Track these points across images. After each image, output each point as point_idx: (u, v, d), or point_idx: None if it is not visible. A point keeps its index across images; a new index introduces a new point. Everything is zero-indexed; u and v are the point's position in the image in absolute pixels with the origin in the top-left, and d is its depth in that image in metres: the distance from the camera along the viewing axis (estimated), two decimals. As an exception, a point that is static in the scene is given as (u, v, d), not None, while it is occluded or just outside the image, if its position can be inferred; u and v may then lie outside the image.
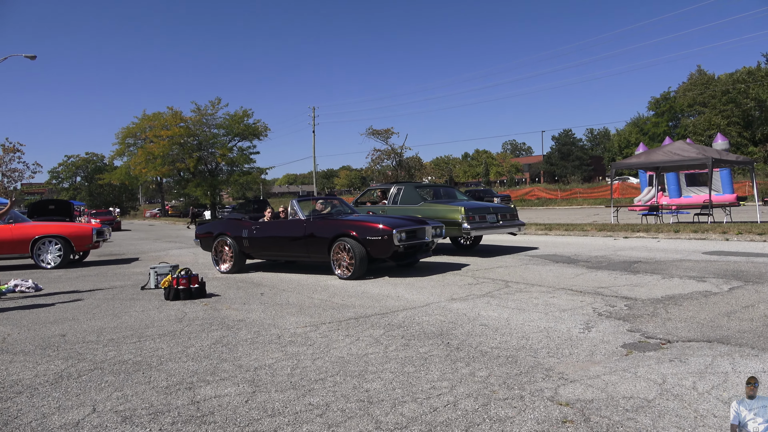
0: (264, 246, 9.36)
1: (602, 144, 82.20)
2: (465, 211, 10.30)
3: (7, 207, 7.90)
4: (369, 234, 8.02)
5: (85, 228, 12.25)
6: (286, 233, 9.01)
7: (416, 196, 11.43)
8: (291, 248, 9.04)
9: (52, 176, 73.57)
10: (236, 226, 9.76)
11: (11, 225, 11.59)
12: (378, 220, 8.53)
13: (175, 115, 39.95)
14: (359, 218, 8.94)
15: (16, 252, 11.60)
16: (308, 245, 8.68)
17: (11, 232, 11.50)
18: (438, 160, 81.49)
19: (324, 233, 8.47)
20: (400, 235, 7.96)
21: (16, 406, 3.33)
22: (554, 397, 3.16)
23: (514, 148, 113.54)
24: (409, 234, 8.21)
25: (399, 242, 7.95)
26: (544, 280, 7.38)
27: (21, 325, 5.75)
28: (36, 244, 11.55)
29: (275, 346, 4.51)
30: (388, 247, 7.93)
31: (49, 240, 11.64)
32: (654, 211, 17.08)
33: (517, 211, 12.02)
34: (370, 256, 8.07)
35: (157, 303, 6.82)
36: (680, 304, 5.57)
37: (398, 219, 8.82)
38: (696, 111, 56.53)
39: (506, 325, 4.95)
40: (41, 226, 12.03)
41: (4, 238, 11.40)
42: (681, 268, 7.96)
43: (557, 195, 46.24)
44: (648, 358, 3.80)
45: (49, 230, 11.78)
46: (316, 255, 8.69)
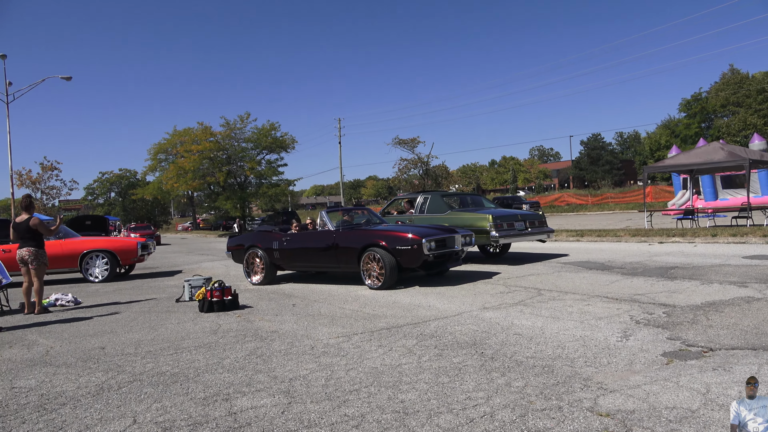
0: (294, 257, 9.43)
1: (633, 147, 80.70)
2: (493, 219, 10.25)
3: (57, 224, 8.23)
4: (398, 243, 8.01)
5: (131, 242, 12.56)
6: (316, 244, 9.06)
7: (443, 204, 11.44)
8: (321, 259, 9.07)
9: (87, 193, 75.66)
10: (267, 238, 9.85)
11: (61, 240, 11.99)
12: (407, 229, 8.50)
13: (205, 130, 40.72)
14: (388, 228, 8.96)
15: (66, 266, 11.96)
16: (338, 256, 8.70)
17: (61, 247, 11.87)
18: (465, 167, 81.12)
19: (353, 243, 8.49)
20: (429, 244, 7.93)
21: (61, 417, 3.42)
22: (594, 407, 3.09)
23: (541, 154, 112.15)
24: (439, 243, 8.16)
25: (429, 251, 7.91)
26: (578, 288, 7.25)
27: (62, 338, 5.91)
28: (84, 259, 11.91)
29: (309, 357, 4.53)
30: (418, 256, 7.90)
31: (97, 254, 11.98)
32: (689, 214, 16.64)
33: (545, 218, 11.90)
34: (400, 265, 8.05)
35: (192, 315, 6.94)
36: (721, 310, 5.40)
37: (427, 228, 8.79)
38: (730, 111, 55.08)
39: (541, 333, 4.87)
40: (89, 240, 12.40)
41: (55, 253, 11.77)
42: (720, 274, 7.73)
43: (588, 200, 45.48)
44: (690, 367, 3.70)
45: (97, 245, 12.14)
46: (345, 265, 8.70)
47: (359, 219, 9.89)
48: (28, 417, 3.44)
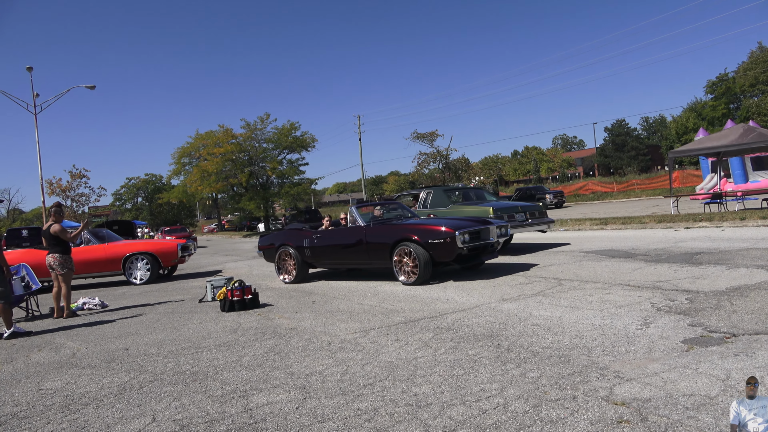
0: (325, 255, 9.29)
1: (659, 132, 78.97)
2: (493, 211, 10.42)
3: (79, 229, 8.40)
4: (431, 237, 7.74)
5: (171, 244, 12.77)
6: (347, 241, 8.91)
7: (445, 199, 11.80)
8: (352, 255, 8.91)
9: (115, 198, 77.39)
10: (297, 236, 9.75)
11: (105, 245, 12.28)
12: (439, 222, 8.20)
13: (227, 133, 41.24)
14: (420, 222, 8.73)
15: (110, 269, 12.26)
16: (369, 251, 8.53)
17: (105, 252, 12.18)
18: (486, 159, 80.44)
19: (384, 239, 8.30)
20: (463, 237, 7.69)
21: (84, 417, 3.51)
22: (609, 396, 3.05)
23: (565, 143, 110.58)
24: (473, 235, 7.92)
25: (462, 244, 7.67)
26: (599, 277, 7.14)
27: (89, 340, 6.06)
28: (127, 262, 12.18)
29: (325, 353, 4.56)
30: (452, 249, 7.65)
31: (139, 257, 12.24)
32: (717, 198, 16.23)
33: (546, 209, 12.21)
34: (433, 260, 7.81)
35: (214, 315, 7.05)
36: (747, 295, 5.26)
37: (461, 220, 8.53)
38: (760, 90, 53.43)
39: (559, 324, 4.82)
40: (131, 244, 12.70)
41: (99, 257, 12.11)
42: (748, 258, 7.53)
43: (613, 188, 44.70)
44: (710, 353, 3.61)
45: (138, 248, 12.41)
46: (377, 261, 8.52)
47: (391, 213, 9.64)
48: (53, 417, 3.55)
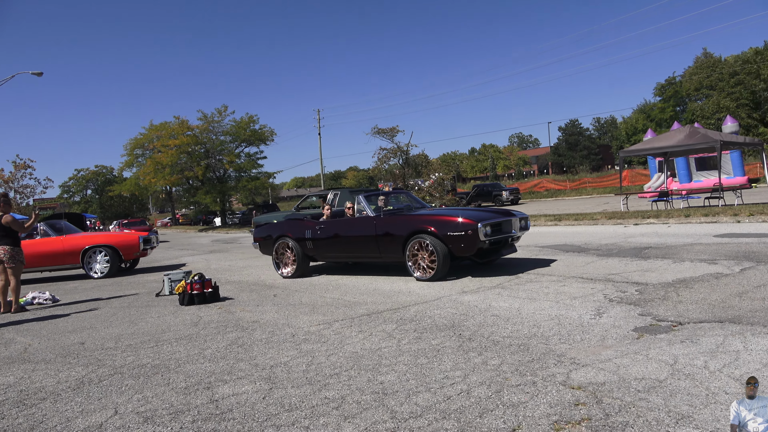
0: (329, 247, 8.67)
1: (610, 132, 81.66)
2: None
3: (32, 220, 7.99)
4: (450, 229, 7.14)
5: (132, 237, 12.36)
6: (355, 232, 8.31)
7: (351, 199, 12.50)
8: (360, 248, 8.30)
9: (63, 190, 74.42)
10: (298, 226, 9.15)
11: (62, 237, 11.80)
12: (457, 213, 7.58)
13: (182, 124, 40.23)
14: (436, 212, 8.23)
15: (68, 263, 11.79)
16: (379, 244, 7.92)
17: (63, 244, 11.70)
18: (445, 156, 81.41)
19: (397, 231, 7.68)
20: (485, 229, 7.11)
21: (41, 411, 3.42)
22: (566, 381, 3.19)
23: (521, 141, 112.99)
24: (495, 227, 7.37)
25: (485, 237, 7.09)
26: (555, 270, 7.40)
27: (41, 335, 5.87)
28: (86, 254, 11.75)
29: (290, 345, 4.57)
30: (473, 243, 7.07)
31: (98, 250, 11.81)
32: (664, 196, 16.99)
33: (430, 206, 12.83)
34: (452, 254, 7.26)
35: (173, 308, 6.93)
36: (691, 286, 5.57)
37: (481, 211, 8.07)
38: (703, 94, 55.96)
39: (517, 314, 4.98)
40: (90, 236, 12.26)
41: (56, 250, 11.61)
42: (692, 252, 7.94)
43: (566, 186, 46.07)
44: (659, 341, 3.83)
45: (98, 240, 11.98)
46: (388, 255, 7.91)
47: (398, 204, 9.09)
48: (8, 413, 3.44)
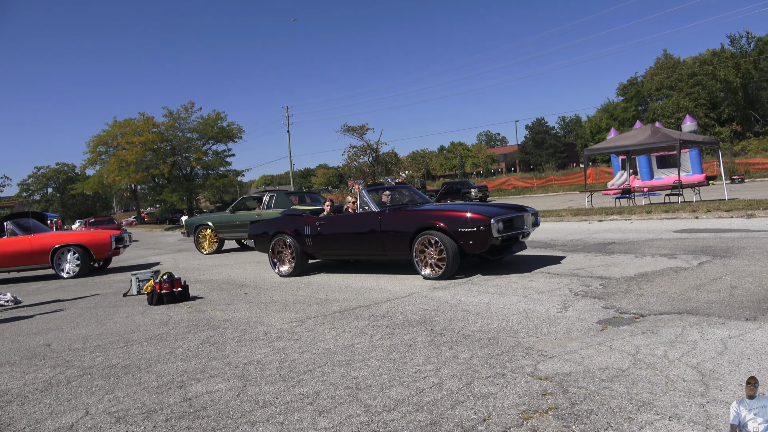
0: (330, 244, 8.35)
1: (574, 131, 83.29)
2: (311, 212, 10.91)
3: None
4: (461, 225, 6.88)
5: (104, 236, 12.01)
6: (358, 229, 7.99)
7: (287, 201, 13.54)
8: (363, 245, 7.99)
9: (22, 189, 72.06)
10: (297, 222, 8.77)
11: (31, 236, 11.43)
12: (465, 208, 7.39)
13: (147, 121, 39.38)
14: (444, 207, 8.01)
15: (36, 262, 11.41)
16: (384, 241, 7.63)
17: (31, 243, 11.32)
18: (414, 154, 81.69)
19: (404, 227, 7.40)
20: (498, 225, 6.83)
21: (8, 414, 3.35)
22: (534, 372, 3.30)
23: (489, 139, 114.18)
24: (507, 224, 7.14)
25: (498, 233, 6.83)
26: (523, 266, 7.56)
27: (3, 337, 5.71)
28: (56, 254, 11.40)
29: (262, 342, 4.58)
30: (485, 239, 6.80)
31: (69, 249, 11.48)
32: (627, 194, 17.49)
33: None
34: (462, 251, 7.00)
35: (141, 308, 6.83)
36: (652, 280, 5.79)
37: (492, 207, 7.83)
38: (664, 94, 57.65)
39: (487, 309, 5.10)
40: (60, 235, 11.90)
41: (25, 250, 11.23)
42: (653, 247, 8.23)
43: (533, 183, 46.91)
44: (622, 332, 3.98)
45: (68, 239, 11.62)
46: (394, 252, 7.63)
47: (401, 199, 8.79)
48: (-27, 416, 3.36)
